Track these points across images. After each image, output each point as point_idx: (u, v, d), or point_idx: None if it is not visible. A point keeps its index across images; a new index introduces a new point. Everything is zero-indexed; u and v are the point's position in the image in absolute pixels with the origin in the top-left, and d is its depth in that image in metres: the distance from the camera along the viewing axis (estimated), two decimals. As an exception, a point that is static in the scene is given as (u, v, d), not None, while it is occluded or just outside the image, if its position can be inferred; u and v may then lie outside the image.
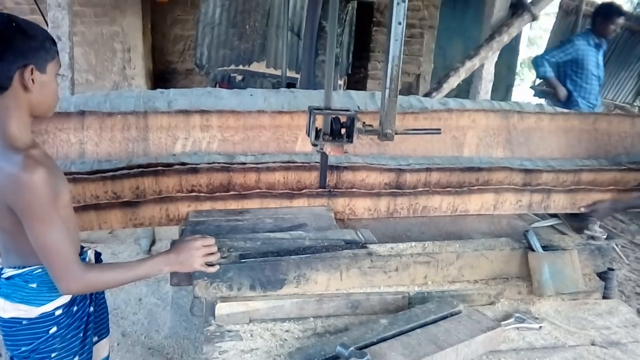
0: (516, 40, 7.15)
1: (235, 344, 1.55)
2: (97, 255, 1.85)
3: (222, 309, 1.63)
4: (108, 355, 2.01)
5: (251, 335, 1.59)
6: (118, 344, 3.24)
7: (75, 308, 1.70)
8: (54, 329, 1.64)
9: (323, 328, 1.64)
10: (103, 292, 1.95)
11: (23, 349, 1.62)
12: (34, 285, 1.59)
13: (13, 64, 1.44)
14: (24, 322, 1.60)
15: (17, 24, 1.46)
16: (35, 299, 1.60)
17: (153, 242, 4.49)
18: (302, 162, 2.28)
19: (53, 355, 1.65)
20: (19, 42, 1.44)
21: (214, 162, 2.22)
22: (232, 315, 1.64)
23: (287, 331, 1.62)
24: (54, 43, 1.55)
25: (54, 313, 1.63)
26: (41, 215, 1.44)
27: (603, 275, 2.00)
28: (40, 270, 1.59)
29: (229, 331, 1.61)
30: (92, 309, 1.80)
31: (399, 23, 1.68)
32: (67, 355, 1.68)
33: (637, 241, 4.92)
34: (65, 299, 1.65)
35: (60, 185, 1.55)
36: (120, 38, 6.51)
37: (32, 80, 1.47)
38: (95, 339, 1.88)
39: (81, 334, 1.73)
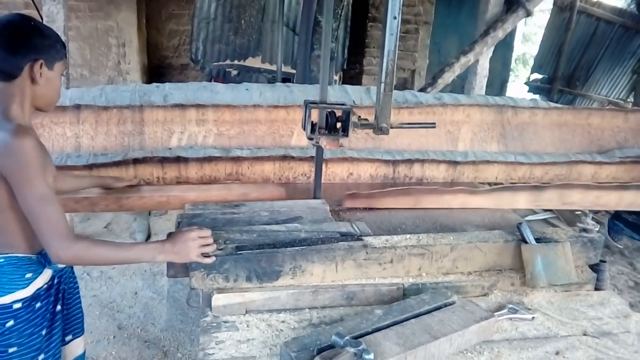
0: (511, 36, 7.19)
1: (231, 334, 1.56)
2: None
3: (218, 300, 1.64)
4: (84, 353, 1.98)
5: (247, 326, 1.60)
6: (114, 337, 3.25)
7: (38, 304, 1.68)
8: (11, 322, 1.61)
9: (319, 319, 1.65)
10: (78, 292, 1.95)
11: None
12: None
13: (26, 56, 1.58)
14: None
15: (34, 24, 1.62)
16: None
17: (148, 236, 4.50)
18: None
19: (11, 350, 1.62)
20: (34, 39, 1.59)
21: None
22: (229, 306, 1.65)
23: (283, 322, 1.63)
24: (64, 46, 1.69)
25: (11, 306, 1.61)
26: (31, 178, 1.49)
27: (595, 267, 2.02)
28: (2, 260, 1.59)
29: (225, 322, 1.61)
30: (59, 307, 1.78)
31: (395, 17, 1.70)
32: (28, 352, 1.65)
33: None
34: (25, 292, 1.63)
35: (48, 164, 1.59)
36: (115, 33, 6.50)
37: (40, 73, 1.60)
38: (69, 337, 1.88)
39: (43, 332, 1.70)
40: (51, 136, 2.24)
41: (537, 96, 7.72)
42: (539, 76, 8.28)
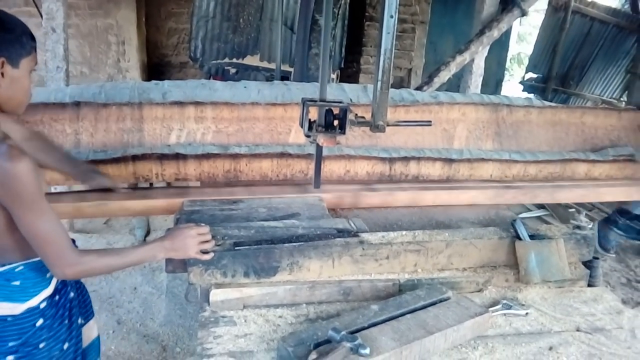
0: (506, 35, 7.21)
1: (229, 329, 1.58)
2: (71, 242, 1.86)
3: (216, 295, 1.66)
4: (98, 336, 1.98)
5: (245, 321, 1.62)
6: (113, 332, 3.26)
7: (57, 297, 1.69)
8: (41, 321, 1.62)
9: (315, 314, 1.67)
10: None
11: (11, 344, 1.59)
12: (17, 283, 1.57)
13: None
14: (9, 319, 1.57)
15: None
16: (19, 295, 1.57)
17: (148, 233, 4.50)
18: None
19: (41, 346, 1.63)
20: None
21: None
22: (227, 301, 1.66)
23: (280, 317, 1.65)
24: (32, 39, 1.52)
25: (39, 306, 1.61)
26: (31, 203, 1.43)
27: (588, 264, 2.04)
28: (22, 267, 1.57)
29: (223, 317, 1.63)
30: (72, 294, 1.78)
31: (391, 16, 1.71)
32: (55, 343, 1.66)
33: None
34: (49, 290, 1.64)
35: (41, 178, 1.52)
36: (114, 31, 6.49)
37: (2, 74, 1.45)
38: (81, 320, 1.86)
39: (66, 321, 1.72)
40: (50, 133, 2.24)
41: (531, 95, 7.74)
42: (534, 75, 8.29)
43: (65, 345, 1.71)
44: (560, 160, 2.67)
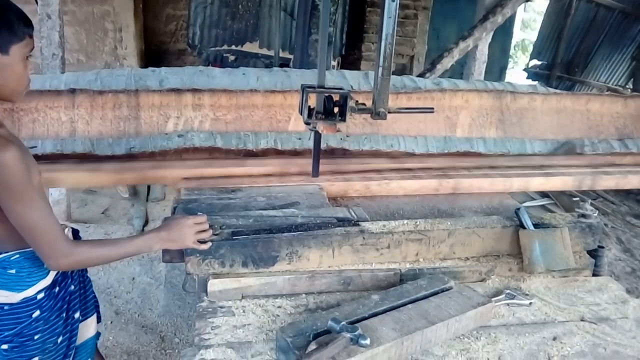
0: (510, 22, 7.16)
1: (227, 319, 1.56)
2: (75, 232, 1.83)
3: (214, 285, 1.64)
4: (94, 337, 1.95)
5: (243, 311, 1.60)
6: (111, 322, 3.25)
7: (57, 289, 1.67)
8: (37, 312, 1.61)
9: (315, 304, 1.65)
10: (86, 270, 1.92)
11: (6, 333, 1.58)
12: (13, 272, 1.55)
13: None
14: (6, 307, 1.56)
15: None
16: (15, 284, 1.56)
17: (146, 222, 4.49)
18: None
19: (36, 337, 1.62)
20: None
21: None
22: (225, 291, 1.64)
23: (279, 307, 1.63)
24: (27, 24, 1.46)
25: (36, 297, 1.60)
26: (20, 194, 1.41)
27: (593, 253, 2.02)
28: (18, 256, 1.56)
29: (221, 307, 1.61)
30: (73, 287, 1.77)
31: (393, 0, 1.68)
32: (50, 336, 1.65)
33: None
34: (46, 281, 1.62)
35: (31, 165, 1.51)
36: (111, 17, 6.41)
37: None
38: (79, 317, 1.84)
39: (64, 314, 1.70)
40: (46, 121, 2.22)
41: (536, 83, 7.71)
42: (538, 62, 8.26)
43: (60, 339, 1.70)
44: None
